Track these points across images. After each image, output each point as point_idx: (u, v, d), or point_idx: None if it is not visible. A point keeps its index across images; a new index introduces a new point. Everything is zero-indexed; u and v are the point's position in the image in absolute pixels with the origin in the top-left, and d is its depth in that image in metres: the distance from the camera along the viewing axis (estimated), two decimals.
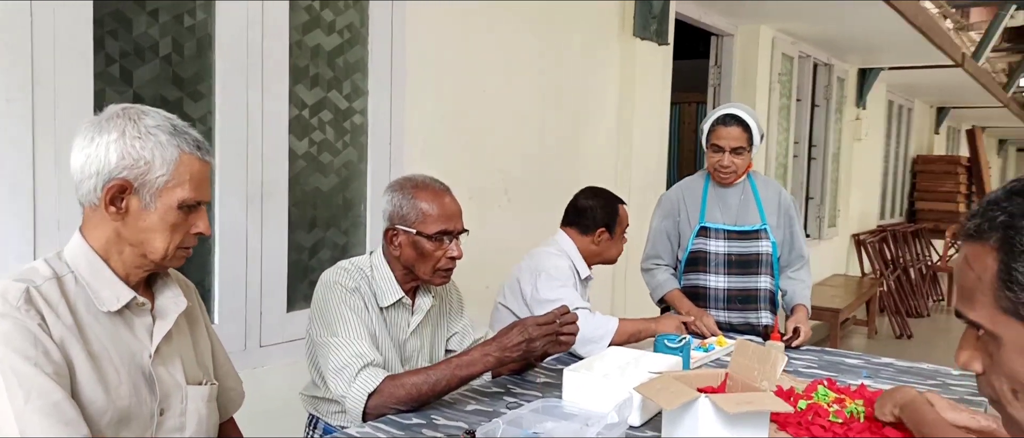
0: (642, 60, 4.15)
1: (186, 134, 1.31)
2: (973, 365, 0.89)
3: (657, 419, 1.75)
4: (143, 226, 1.29)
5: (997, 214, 0.84)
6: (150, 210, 1.28)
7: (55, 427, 1.16)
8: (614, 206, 2.60)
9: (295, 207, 2.47)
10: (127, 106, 1.30)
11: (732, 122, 2.71)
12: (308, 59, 2.49)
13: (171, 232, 1.31)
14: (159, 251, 1.31)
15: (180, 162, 1.29)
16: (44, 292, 1.24)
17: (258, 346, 2.36)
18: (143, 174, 1.26)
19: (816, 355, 2.49)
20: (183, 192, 1.30)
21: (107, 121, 1.27)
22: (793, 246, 2.87)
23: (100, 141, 1.26)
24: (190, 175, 1.30)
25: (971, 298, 0.87)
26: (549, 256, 2.50)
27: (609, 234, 2.57)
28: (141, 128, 1.27)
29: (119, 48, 2.01)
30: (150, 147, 1.27)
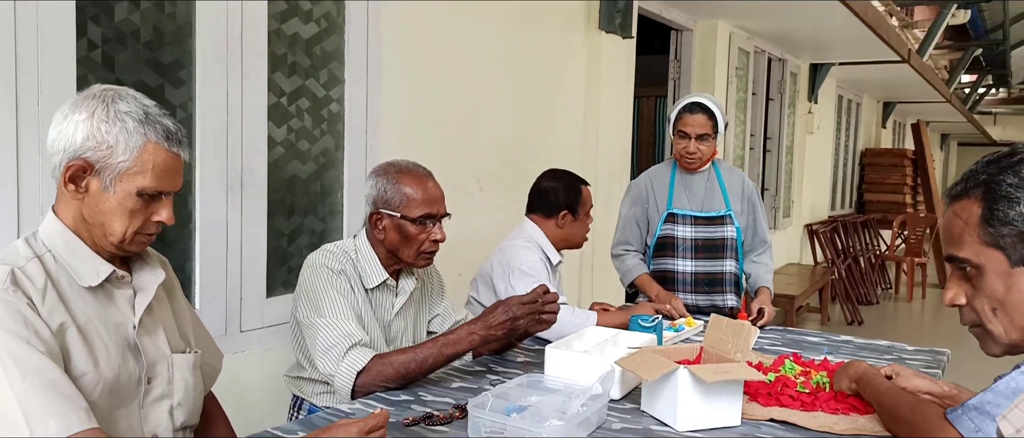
0: (607, 52, 4.24)
1: (158, 123, 1.31)
2: (959, 299, 1.12)
3: (635, 393, 1.84)
4: (102, 208, 1.30)
5: (979, 176, 1.08)
6: (109, 193, 1.29)
7: (55, 401, 1.18)
8: (576, 187, 2.60)
9: (274, 194, 2.49)
10: (108, 88, 1.31)
11: (698, 110, 2.82)
12: (286, 47, 2.51)
13: (129, 217, 1.31)
14: (116, 234, 1.31)
15: (144, 150, 1.29)
16: (28, 272, 1.26)
17: (238, 331, 2.38)
18: (105, 157, 1.27)
19: (779, 334, 2.61)
20: (143, 180, 1.30)
21: (83, 100, 1.29)
22: (756, 231, 2.99)
23: (72, 119, 1.28)
24: (153, 164, 1.30)
25: (960, 240, 1.10)
26: (519, 250, 2.51)
27: (572, 215, 2.58)
28: (111, 112, 1.27)
29: (101, 34, 2.01)
30: (115, 132, 1.27)
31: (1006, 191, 1.05)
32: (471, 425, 1.55)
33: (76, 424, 1.18)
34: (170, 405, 1.44)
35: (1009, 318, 1.08)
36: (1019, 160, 1.06)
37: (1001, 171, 1.07)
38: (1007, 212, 1.05)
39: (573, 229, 2.62)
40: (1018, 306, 1.06)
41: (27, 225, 1.83)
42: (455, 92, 3.21)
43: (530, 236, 2.58)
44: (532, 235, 2.58)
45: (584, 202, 2.61)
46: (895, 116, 12.89)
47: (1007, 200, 1.05)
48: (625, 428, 1.64)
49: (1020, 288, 1.05)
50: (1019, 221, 1.04)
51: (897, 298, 9.21)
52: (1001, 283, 1.07)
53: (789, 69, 7.40)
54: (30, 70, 1.83)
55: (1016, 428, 1.25)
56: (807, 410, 1.75)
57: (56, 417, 1.17)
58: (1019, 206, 1.04)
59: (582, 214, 2.61)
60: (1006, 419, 1.31)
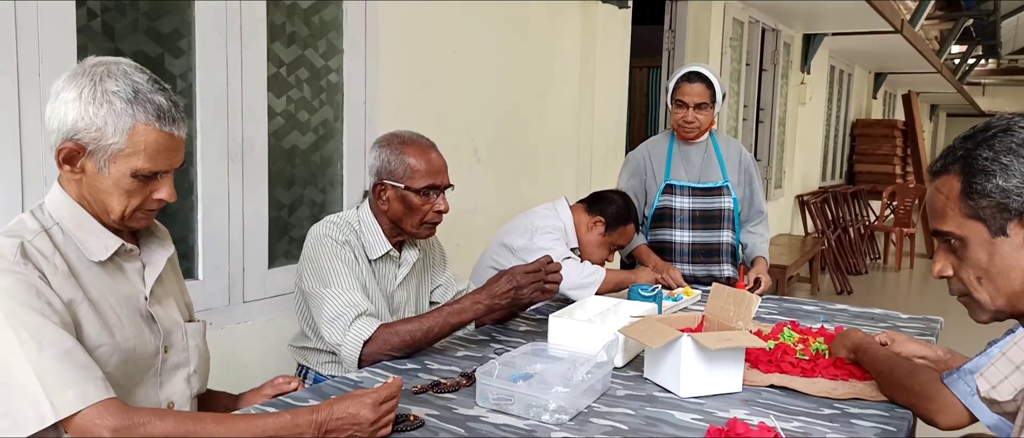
0: (603, 23, 4.22)
1: (148, 102, 1.26)
2: (946, 270, 1.17)
3: (637, 361, 1.87)
4: (100, 188, 1.29)
5: (956, 152, 1.13)
6: (104, 174, 1.27)
7: (71, 372, 1.18)
8: (628, 216, 2.66)
9: (274, 165, 2.49)
10: (99, 62, 1.27)
11: (696, 79, 2.83)
12: (285, 16, 2.50)
13: (127, 197, 1.30)
14: (116, 212, 1.31)
15: (134, 131, 1.26)
16: (37, 245, 1.26)
17: (241, 302, 2.39)
18: (96, 139, 1.25)
19: (775, 303, 2.64)
20: (137, 162, 1.27)
21: (74, 77, 1.26)
22: (753, 202, 3.02)
23: (63, 97, 1.25)
24: (145, 146, 1.27)
25: (943, 214, 1.15)
26: (544, 216, 2.59)
27: (604, 230, 2.62)
28: (99, 92, 1.24)
29: (100, 3, 1.99)
30: (103, 113, 1.24)
31: (982, 164, 1.09)
32: (479, 392, 1.58)
33: (94, 394, 1.20)
34: (187, 373, 1.46)
35: (994, 285, 1.12)
36: (992, 135, 1.10)
37: (977, 146, 1.11)
38: (985, 185, 1.09)
39: (595, 242, 2.64)
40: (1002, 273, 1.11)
41: (31, 195, 1.83)
42: (452, 63, 3.19)
43: (558, 213, 2.64)
44: (561, 214, 2.64)
45: (622, 232, 2.66)
46: (886, 87, 12.92)
47: (984, 173, 1.09)
48: (629, 395, 1.67)
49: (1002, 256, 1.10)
50: (996, 193, 1.08)
51: (886, 268, 9.31)
52: (984, 252, 1.11)
53: (783, 40, 7.39)
54: (30, 39, 1.81)
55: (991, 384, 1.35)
56: (807, 376, 1.79)
57: (74, 387, 1.18)
58: (995, 178, 1.08)
59: (610, 239, 2.64)
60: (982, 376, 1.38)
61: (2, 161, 1.79)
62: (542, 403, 1.51)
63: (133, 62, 1.30)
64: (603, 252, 2.68)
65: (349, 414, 1.33)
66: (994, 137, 1.09)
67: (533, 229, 2.53)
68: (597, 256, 2.67)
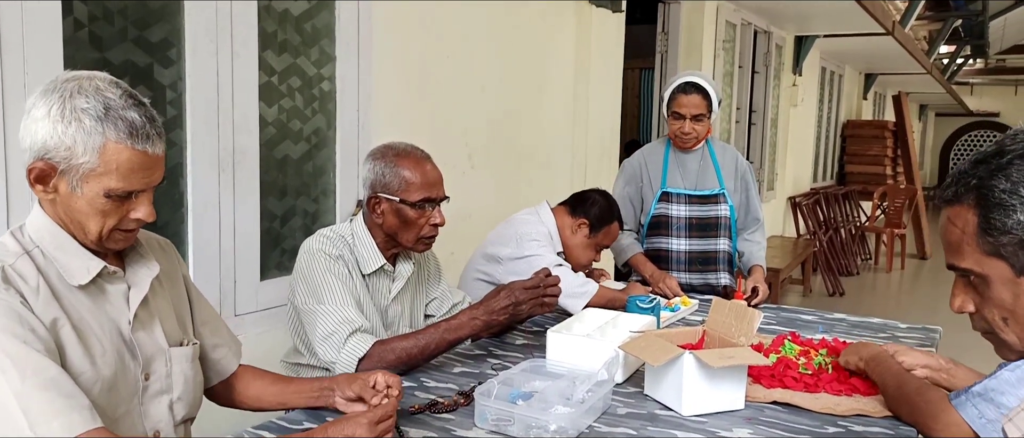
0: (597, 27, 4.20)
1: (120, 119, 1.20)
2: (967, 307, 1.09)
3: (637, 376, 1.84)
4: (75, 208, 1.24)
5: (969, 180, 1.04)
6: (78, 194, 1.22)
7: (56, 401, 1.14)
8: (611, 215, 2.59)
9: (266, 175, 2.45)
10: (71, 77, 1.22)
11: (692, 90, 2.80)
12: (276, 24, 2.45)
13: (103, 217, 1.25)
14: (93, 233, 1.26)
15: (105, 150, 1.19)
16: (19, 269, 1.21)
17: (233, 314, 2.35)
18: (66, 159, 1.19)
19: (774, 312, 2.62)
20: (110, 181, 1.21)
21: (45, 93, 1.21)
22: (749, 209, 3.00)
23: (33, 114, 1.20)
24: (117, 165, 1.21)
25: (959, 250, 1.06)
26: (526, 223, 2.53)
27: (588, 231, 2.56)
28: (67, 109, 1.18)
29: (87, 12, 1.95)
30: (72, 132, 1.18)
31: (999, 198, 1.01)
32: (478, 413, 1.54)
33: (79, 424, 1.15)
34: (170, 400, 1.40)
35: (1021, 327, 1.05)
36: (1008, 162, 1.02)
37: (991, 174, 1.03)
38: (1004, 221, 1.01)
39: (580, 244, 2.58)
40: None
41: (16, 214, 1.78)
42: (447, 68, 3.16)
43: (541, 218, 2.58)
44: (544, 218, 2.58)
45: (607, 232, 2.59)
46: (876, 87, 12.96)
47: (1002, 208, 1.01)
48: (630, 413, 1.64)
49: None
50: (1018, 229, 1.00)
51: (877, 269, 9.33)
52: (1008, 292, 1.04)
53: (774, 41, 7.39)
54: (15, 51, 1.77)
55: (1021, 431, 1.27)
56: (810, 391, 1.76)
57: (58, 417, 1.13)
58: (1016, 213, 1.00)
59: (596, 239, 2.58)
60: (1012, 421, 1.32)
61: None
62: (542, 424, 1.48)
63: (109, 76, 1.24)
64: (590, 253, 2.62)
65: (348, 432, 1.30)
66: (1010, 164, 1.02)
67: (518, 237, 2.48)
68: (584, 258, 2.61)
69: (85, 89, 1.20)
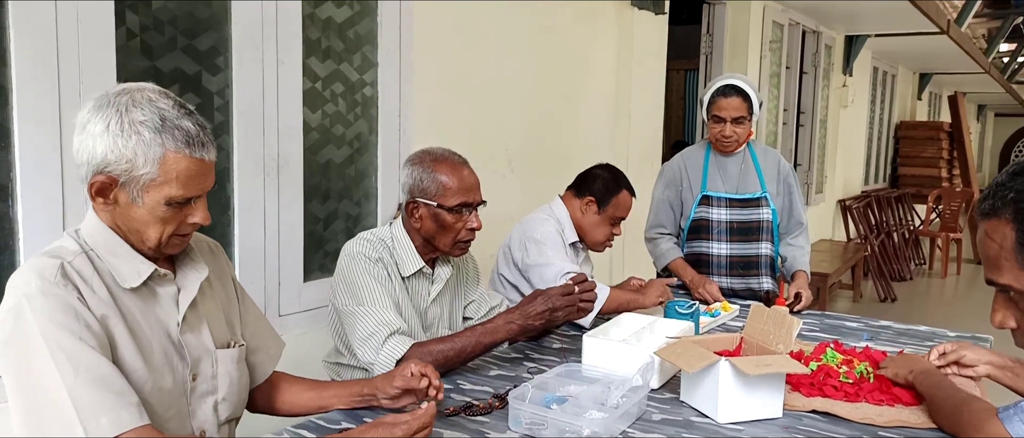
0: (639, 29, 4.18)
1: (176, 129, 1.25)
2: (1008, 323, 1.07)
3: (674, 382, 1.83)
4: (134, 217, 1.28)
5: (1007, 193, 1.02)
6: (138, 204, 1.27)
7: (106, 398, 1.18)
8: (617, 186, 2.53)
9: (309, 179, 2.50)
10: (123, 90, 1.25)
11: (732, 93, 2.77)
12: (320, 31, 2.51)
13: (163, 224, 1.29)
14: (152, 240, 1.30)
15: (165, 160, 1.24)
16: (77, 267, 1.26)
17: (276, 315, 2.41)
18: (127, 171, 1.23)
19: (817, 319, 2.58)
20: (170, 190, 1.26)
21: (98, 108, 1.24)
22: (792, 213, 2.95)
23: (90, 130, 1.23)
24: (177, 173, 1.25)
25: (997, 265, 1.04)
26: (537, 222, 2.50)
27: (597, 207, 2.51)
28: (126, 123, 1.22)
29: (139, 22, 2.02)
30: (132, 145, 1.22)
31: None
32: (511, 417, 1.56)
33: (127, 421, 1.19)
34: (215, 400, 1.44)
35: None
36: None
37: None
38: None
39: (592, 223, 2.53)
40: None
41: (71, 216, 1.86)
42: (486, 73, 3.19)
43: (553, 212, 2.56)
44: (556, 211, 2.56)
45: (616, 204, 2.52)
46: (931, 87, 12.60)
47: None
48: (665, 419, 1.64)
49: None
50: None
51: (931, 274, 9.07)
52: None
53: (824, 41, 7.25)
54: (71, 60, 1.85)
55: None
56: (850, 401, 1.73)
57: (107, 414, 1.17)
58: None
59: (607, 214, 2.52)
60: None
61: (44, 182, 1.82)
62: (575, 428, 1.48)
63: (158, 87, 1.28)
64: (605, 229, 2.56)
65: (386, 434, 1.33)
66: None
67: (527, 240, 2.44)
68: (600, 235, 2.56)
69: (139, 102, 1.24)
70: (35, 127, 1.80)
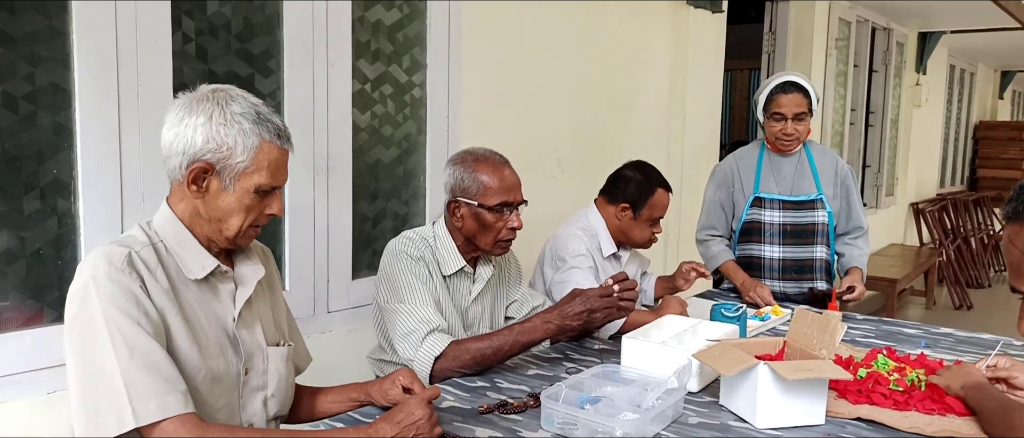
0: (695, 29, 4.11)
1: (268, 122, 1.37)
2: None
3: (714, 386, 1.80)
4: (221, 205, 1.36)
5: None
6: (228, 192, 1.35)
7: (156, 383, 1.24)
8: (650, 187, 2.43)
9: (358, 179, 2.55)
10: (218, 89, 1.36)
11: (792, 89, 2.70)
12: (369, 34, 2.55)
13: (246, 213, 1.38)
14: (233, 229, 1.38)
15: (260, 150, 1.34)
16: (144, 257, 1.33)
17: (326, 311, 2.47)
18: (225, 159, 1.33)
19: (874, 325, 2.49)
20: (260, 178, 1.36)
21: (197, 103, 1.34)
22: (850, 217, 2.86)
23: (189, 122, 1.32)
24: (268, 162, 1.36)
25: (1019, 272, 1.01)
26: (568, 238, 2.42)
27: (632, 213, 2.43)
28: (227, 114, 1.32)
29: (194, 27, 2.10)
30: (234, 134, 1.32)
31: None
32: (544, 416, 1.56)
33: (173, 407, 1.25)
34: (264, 396, 1.50)
35: None
36: None
37: None
38: None
39: (630, 227, 2.45)
40: None
41: (129, 208, 1.94)
42: (536, 73, 3.19)
43: (587, 223, 2.47)
44: (590, 222, 2.48)
45: (652, 206, 2.43)
46: (1014, 85, 11.98)
47: None
48: (702, 423, 1.61)
49: None
50: None
51: None
52: None
53: (895, 38, 6.99)
54: (130, 63, 1.93)
55: None
56: (900, 409, 1.67)
57: (156, 398, 1.24)
58: None
59: (644, 216, 2.43)
60: None
61: (104, 178, 1.91)
62: (608, 429, 1.47)
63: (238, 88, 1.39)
64: (644, 232, 2.46)
65: (407, 415, 1.40)
66: None
67: (557, 259, 2.38)
68: (640, 238, 2.47)
69: (235, 97, 1.36)
70: (95, 128, 1.88)
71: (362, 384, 1.68)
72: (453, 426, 1.54)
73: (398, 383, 1.59)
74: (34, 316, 1.85)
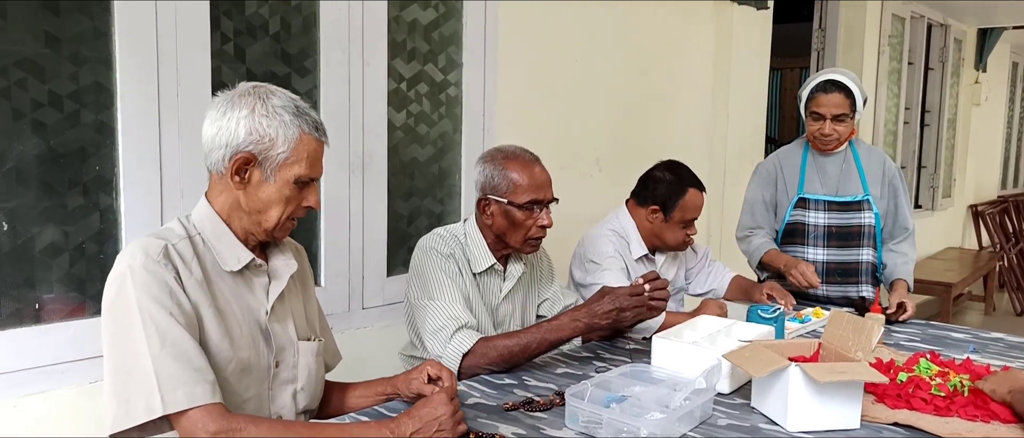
0: (739, 26, 4.04)
1: (307, 115, 1.41)
2: None
3: (747, 388, 1.76)
4: (262, 197, 1.39)
5: None
6: (269, 183, 1.39)
7: (185, 372, 1.28)
8: (681, 187, 2.35)
9: (393, 177, 2.57)
10: (257, 85, 1.40)
11: (833, 88, 2.63)
12: (405, 33, 2.58)
13: (285, 204, 1.41)
14: (272, 220, 1.41)
15: (299, 141, 1.38)
16: (180, 249, 1.37)
17: (360, 308, 2.49)
18: (267, 150, 1.36)
19: (920, 328, 2.40)
20: (299, 169, 1.39)
21: (239, 97, 1.38)
22: (897, 218, 2.76)
23: (232, 116, 1.36)
24: (307, 154, 1.40)
25: None
26: (596, 239, 2.38)
27: (663, 215, 2.35)
28: (269, 107, 1.37)
29: (233, 27, 2.14)
30: (275, 126, 1.36)
31: None
32: (568, 414, 1.54)
33: (200, 396, 1.28)
34: (294, 389, 1.52)
35: None
36: None
37: None
38: None
39: (662, 230, 2.38)
40: None
41: (169, 204, 2.00)
42: (573, 71, 3.17)
43: (617, 225, 2.42)
44: (621, 224, 2.43)
45: (683, 207, 2.34)
46: None
47: None
48: (731, 424, 1.57)
49: None
50: None
51: None
52: None
53: (952, 35, 6.75)
54: (170, 62, 1.98)
55: None
56: (941, 415, 1.61)
57: (184, 387, 1.27)
58: None
59: (676, 218, 2.35)
60: None
61: (144, 173, 1.97)
62: (633, 429, 1.45)
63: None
64: (677, 235, 2.38)
65: (430, 411, 1.40)
66: None
67: (586, 261, 2.35)
68: (674, 240, 2.39)
69: (275, 92, 1.40)
70: (137, 126, 1.94)
71: (389, 378, 1.69)
72: (477, 422, 1.54)
73: (425, 373, 1.60)
74: (77, 308, 1.91)
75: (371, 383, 1.72)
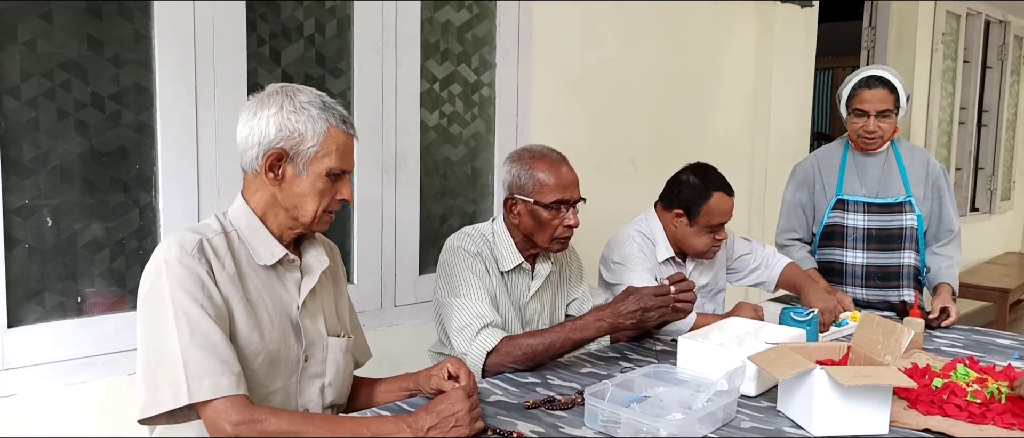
0: (782, 24, 3.97)
1: (334, 109, 1.45)
2: None
3: (774, 391, 1.73)
4: (297, 191, 1.43)
5: None
6: (302, 177, 1.42)
7: (212, 363, 1.32)
8: (706, 191, 2.26)
9: (426, 177, 2.60)
10: (284, 84, 1.45)
11: (876, 84, 2.56)
12: (438, 34, 2.60)
13: (319, 197, 1.44)
14: (309, 214, 1.45)
15: (328, 134, 1.42)
16: (214, 244, 1.41)
17: (392, 306, 2.53)
18: (297, 144, 1.40)
19: (962, 334, 2.33)
20: (330, 161, 1.43)
21: (268, 97, 1.43)
22: (942, 219, 2.67)
23: (262, 115, 1.41)
24: (337, 146, 1.44)
25: None
26: (622, 240, 2.34)
27: (688, 219, 2.28)
28: (297, 103, 1.41)
29: (269, 30, 2.20)
30: (304, 120, 1.41)
31: None
32: (587, 413, 1.54)
33: (225, 387, 1.32)
34: (322, 384, 1.56)
35: None
36: None
37: None
38: None
39: (686, 235, 2.31)
40: None
41: (205, 202, 2.06)
42: (608, 71, 3.16)
43: (645, 227, 2.38)
44: (649, 226, 2.38)
45: (709, 212, 2.26)
46: None
47: None
48: (755, 427, 1.55)
49: None
50: None
51: None
52: None
53: (1012, 32, 6.51)
54: (207, 63, 2.04)
55: None
56: (975, 422, 1.56)
57: (210, 377, 1.31)
58: None
59: (701, 223, 2.27)
60: None
61: (182, 171, 2.03)
62: (652, 429, 1.44)
63: None
64: (703, 240, 2.30)
65: (448, 407, 1.41)
66: None
67: (611, 262, 2.32)
68: (700, 245, 2.30)
69: (302, 89, 1.45)
70: (175, 126, 2.00)
71: (412, 374, 1.71)
72: (496, 420, 1.55)
73: (445, 370, 1.61)
74: (117, 302, 1.99)
75: (396, 379, 1.75)
